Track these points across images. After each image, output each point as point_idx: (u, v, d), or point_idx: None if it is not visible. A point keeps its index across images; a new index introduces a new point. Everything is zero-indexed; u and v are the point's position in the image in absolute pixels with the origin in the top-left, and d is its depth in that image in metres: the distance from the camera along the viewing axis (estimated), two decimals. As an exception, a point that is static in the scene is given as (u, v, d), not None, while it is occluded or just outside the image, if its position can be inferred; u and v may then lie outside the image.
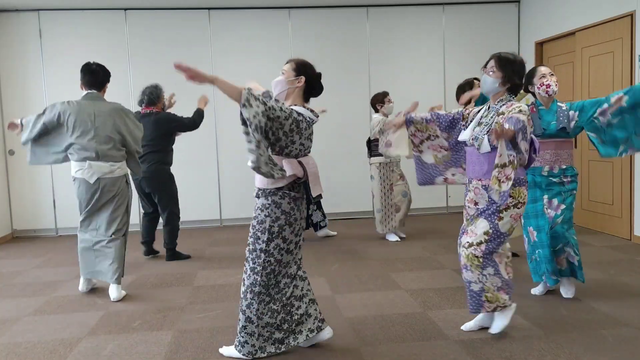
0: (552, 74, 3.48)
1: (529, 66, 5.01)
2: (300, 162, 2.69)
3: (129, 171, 4.07)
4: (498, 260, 2.89)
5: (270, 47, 6.67)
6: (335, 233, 5.88)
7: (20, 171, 6.43)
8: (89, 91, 4.02)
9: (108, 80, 4.09)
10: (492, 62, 2.88)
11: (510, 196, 2.80)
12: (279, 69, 4.16)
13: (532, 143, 2.87)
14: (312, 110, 2.79)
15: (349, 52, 6.71)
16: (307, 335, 2.82)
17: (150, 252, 5.15)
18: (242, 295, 2.78)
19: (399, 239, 5.49)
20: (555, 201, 3.48)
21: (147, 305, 3.72)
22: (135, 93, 4.48)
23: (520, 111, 2.72)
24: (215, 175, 6.69)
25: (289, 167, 2.65)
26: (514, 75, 2.84)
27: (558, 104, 3.49)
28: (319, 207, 5.63)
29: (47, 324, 3.43)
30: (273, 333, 2.78)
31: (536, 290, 3.66)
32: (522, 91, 4.29)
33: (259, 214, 2.72)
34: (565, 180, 3.48)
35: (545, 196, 3.50)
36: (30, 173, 6.43)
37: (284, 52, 6.70)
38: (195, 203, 6.54)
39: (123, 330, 3.27)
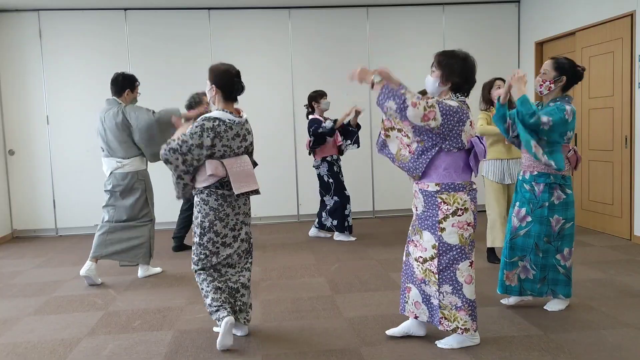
0: (542, 73, 3.19)
1: (529, 66, 5.01)
2: (222, 163, 2.90)
3: (144, 167, 4.40)
4: (462, 279, 2.74)
5: (270, 47, 6.67)
6: (353, 239, 5.58)
7: (20, 171, 6.43)
8: (108, 98, 4.43)
9: (129, 86, 4.40)
10: (433, 61, 2.79)
11: (444, 202, 2.71)
12: (279, 69, 4.37)
13: (472, 146, 2.75)
14: (237, 112, 2.98)
15: (349, 52, 6.71)
16: (243, 318, 3.08)
17: (180, 248, 5.35)
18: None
19: None
20: (523, 211, 3.23)
21: (147, 305, 3.72)
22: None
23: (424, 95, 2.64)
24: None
25: (209, 167, 2.88)
26: (453, 73, 2.71)
27: (550, 104, 3.18)
28: (329, 213, 5.52)
29: (47, 324, 3.43)
30: (219, 308, 2.93)
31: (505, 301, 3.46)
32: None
33: (194, 211, 3.02)
34: (536, 189, 3.19)
35: (517, 203, 3.28)
36: (30, 173, 6.44)
37: (284, 52, 6.71)
38: (195, 203, 6.54)
39: (123, 330, 3.27)
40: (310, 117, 5.45)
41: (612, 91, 5.32)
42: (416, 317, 2.90)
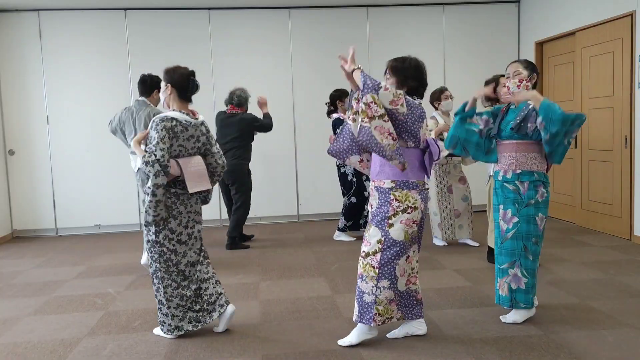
0: (515, 74, 3.15)
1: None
2: (177, 162, 2.97)
3: None
4: (399, 273, 2.80)
5: (270, 47, 6.67)
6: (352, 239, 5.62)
7: (20, 171, 6.43)
8: (137, 98, 4.53)
9: (157, 87, 4.40)
10: (387, 70, 2.89)
11: (397, 200, 2.75)
12: (279, 69, 4.34)
13: (428, 146, 2.83)
14: (192, 113, 3.10)
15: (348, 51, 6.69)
16: (219, 311, 3.14)
17: (240, 245, 5.48)
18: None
19: (446, 244, 5.14)
20: (509, 212, 3.12)
21: (147, 305, 3.72)
22: (135, 93, 4.49)
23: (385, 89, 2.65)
24: (215, 175, 6.69)
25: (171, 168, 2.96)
26: (408, 78, 2.84)
27: (528, 105, 3.12)
28: (344, 213, 5.51)
29: (47, 324, 3.43)
30: (187, 313, 3.09)
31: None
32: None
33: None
34: (521, 187, 3.09)
35: (501, 205, 3.16)
36: (30, 173, 6.44)
37: (284, 52, 6.71)
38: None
39: (123, 330, 3.27)
40: (334, 115, 5.39)
41: (612, 91, 5.32)
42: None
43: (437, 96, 5.08)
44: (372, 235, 2.82)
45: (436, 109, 5.10)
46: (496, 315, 3.29)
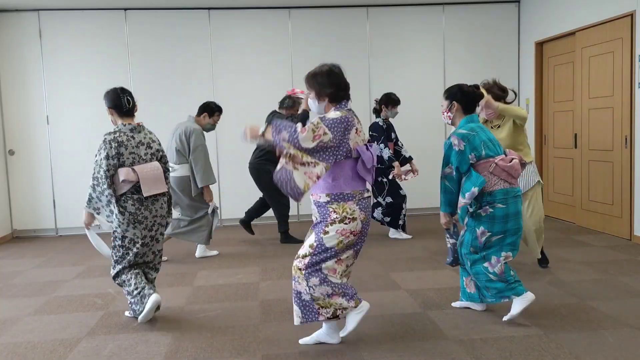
0: (442, 105, 3.34)
1: (529, 66, 5.01)
2: (133, 169, 3.21)
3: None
4: (326, 272, 2.78)
5: (270, 47, 6.67)
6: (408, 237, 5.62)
7: (20, 171, 6.43)
8: (191, 114, 5.10)
9: (207, 111, 5.12)
10: (306, 86, 2.88)
11: (334, 212, 2.74)
12: (279, 69, 4.26)
13: (359, 155, 2.76)
14: (137, 124, 3.34)
15: (349, 52, 6.71)
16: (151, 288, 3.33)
17: (247, 224, 5.70)
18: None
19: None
20: (466, 219, 3.26)
21: (147, 305, 3.72)
22: (135, 93, 4.49)
23: (312, 130, 2.65)
24: (215, 176, 6.69)
25: (121, 173, 3.19)
26: (323, 86, 2.79)
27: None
28: (384, 212, 5.50)
29: (47, 324, 3.43)
30: (144, 297, 3.28)
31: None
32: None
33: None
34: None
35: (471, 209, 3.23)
36: (30, 173, 6.44)
37: (284, 52, 6.71)
38: (195, 203, 6.55)
39: (123, 330, 3.27)
40: (377, 120, 5.42)
41: (612, 91, 5.32)
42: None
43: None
44: (308, 240, 2.83)
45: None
46: (496, 315, 3.29)
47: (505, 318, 3.17)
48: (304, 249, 2.82)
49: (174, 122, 5.16)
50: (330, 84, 2.80)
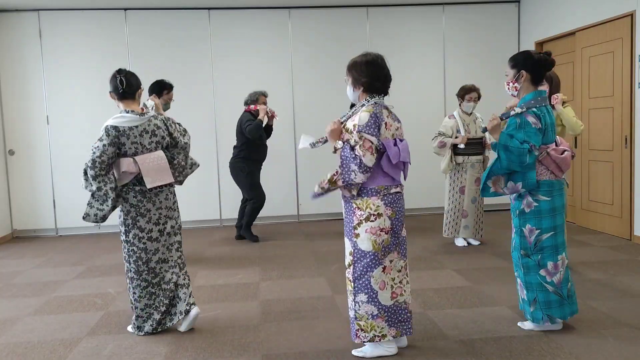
0: (505, 75, 3.06)
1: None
2: (134, 160, 3.02)
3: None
4: (377, 286, 2.68)
5: (270, 47, 6.67)
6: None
7: (20, 171, 6.43)
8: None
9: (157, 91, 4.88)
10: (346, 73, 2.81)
11: (358, 208, 2.68)
12: (279, 69, 4.16)
13: (385, 150, 2.68)
14: (140, 110, 3.14)
15: (349, 52, 6.62)
16: (179, 317, 3.18)
17: (240, 236, 5.81)
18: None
19: (467, 245, 5.08)
20: (512, 223, 3.06)
21: (147, 305, 3.72)
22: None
23: (355, 142, 2.63)
24: (215, 176, 6.69)
25: (123, 164, 3.03)
26: (359, 75, 2.73)
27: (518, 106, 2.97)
28: None
29: (47, 324, 3.43)
30: (152, 314, 3.17)
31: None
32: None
33: (118, 210, 3.13)
34: (510, 198, 3.02)
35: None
36: (30, 173, 6.44)
37: (284, 52, 6.71)
38: (195, 203, 6.54)
39: (123, 330, 3.27)
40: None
41: (612, 91, 5.32)
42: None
43: (462, 94, 4.95)
44: (346, 248, 2.77)
45: (460, 105, 5.02)
46: (496, 315, 3.29)
47: (522, 325, 3.09)
48: (347, 258, 2.77)
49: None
50: (367, 74, 2.72)
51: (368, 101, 2.74)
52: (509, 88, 3.02)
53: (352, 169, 2.62)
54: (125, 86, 3.11)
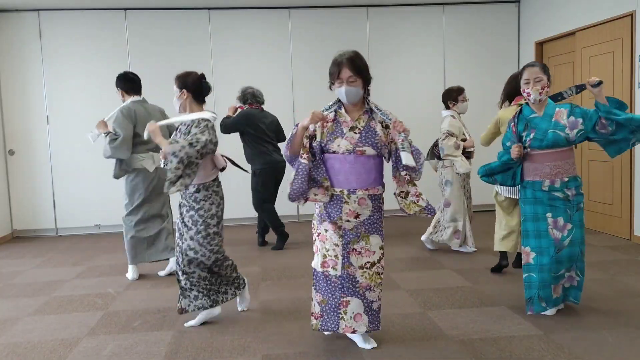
0: (536, 80, 3.10)
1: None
2: (222, 157, 3.28)
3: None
4: None
5: (270, 47, 6.67)
6: None
7: (20, 171, 6.43)
8: (137, 96, 4.41)
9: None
10: (347, 72, 2.73)
11: (382, 203, 2.86)
12: (279, 69, 4.07)
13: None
14: (212, 111, 3.28)
15: (349, 52, 6.69)
16: (232, 295, 3.42)
17: (263, 243, 5.58)
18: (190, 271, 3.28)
19: (476, 249, 4.93)
20: (560, 220, 3.11)
21: (147, 305, 3.72)
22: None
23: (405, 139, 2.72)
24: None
25: (217, 161, 3.25)
26: (368, 74, 2.80)
27: (557, 109, 3.14)
28: None
29: (47, 324, 3.43)
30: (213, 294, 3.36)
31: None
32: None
33: (202, 205, 3.19)
34: (569, 193, 3.11)
35: (549, 214, 3.13)
36: (30, 173, 6.44)
37: (284, 52, 6.71)
38: (195, 203, 6.54)
39: (123, 330, 3.27)
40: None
41: (612, 91, 5.32)
42: (354, 332, 2.82)
43: (454, 97, 4.85)
44: (374, 244, 2.78)
45: (447, 107, 4.89)
46: (496, 315, 3.29)
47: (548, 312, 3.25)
48: (374, 254, 2.78)
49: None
50: (368, 70, 2.83)
51: (368, 98, 2.85)
52: (542, 93, 3.12)
53: (421, 162, 2.76)
54: (207, 92, 3.29)
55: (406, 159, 2.64)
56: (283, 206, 6.80)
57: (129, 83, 4.38)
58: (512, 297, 3.60)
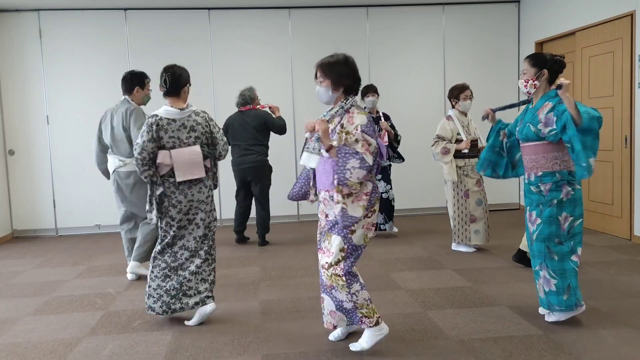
0: (523, 73, 3.16)
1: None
2: (169, 153, 3.18)
3: None
4: (358, 274, 2.81)
5: (270, 47, 6.67)
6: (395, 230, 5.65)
7: (20, 171, 6.43)
8: (123, 97, 4.36)
9: (138, 84, 4.35)
10: (318, 72, 2.76)
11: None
12: (279, 69, 4.04)
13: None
14: (182, 108, 3.26)
15: (349, 52, 6.59)
16: (190, 307, 3.29)
17: (242, 239, 5.64)
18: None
19: (475, 250, 4.92)
20: (533, 214, 3.12)
21: (147, 305, 3.72)
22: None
23: (355, 141, 2.60)
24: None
25: (159, 157, 3.19)
26: (341, 76, 2.71)
27: (546, 102, 3.09)
28: (382, 211, 5.36)
29: (47, 324, 3.43)
30: (162, 296, 3.28)
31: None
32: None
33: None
34: (542, 188, 3.06)
35: (528, 207, 3.17)
36: (30, 173, 6.44)
37: (283, 52, 6.71)
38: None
39: (123, 330, 3.27)
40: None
41: (612, 91, 5.32)
42: (334, 327, 2.89)
43: (456, 94, 4.83)
44: (335, 245, 2.73)
45: (453, 106, 4.88)
46: (496, 315, 3.29)
47: (548, 318, 3.15)
48: (333, 255, 2.73)
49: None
50: (348, 74, 2.73)
51: (345, 101, 2.74)
52: (526, 85, 3.13)
53: (348, 167, 2.57)
54: (168, 85, 3.25)
55: (304, 159, 2.64)
56: (283, 206, 6.81)
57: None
58: (512, 297, 3.60)
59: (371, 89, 5.37)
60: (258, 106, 5.46)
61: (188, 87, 3.36)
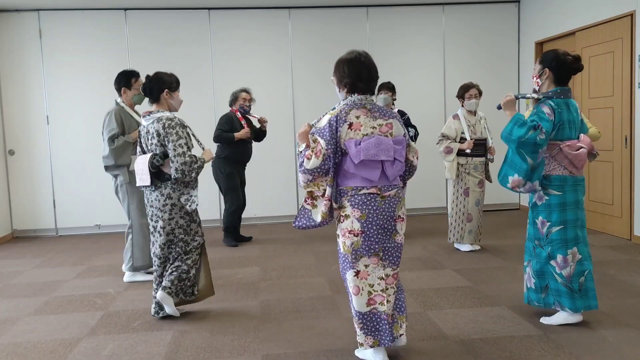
0: (534, 69, 3.15)
1: (529, 66, 4.93)
2: (135, 159, 3.39)
3: (127, 171, 4.17)
4: (351, 290, 2.60)
5: (270, 47, 6.67)
6: None
7: (20, 171, 6.43)
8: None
9: (124, 84, 4.30)
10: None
11: (337, 209, 2.64)
12: (279, 69, 4.01)
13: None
14: (149, 113, 3.34)
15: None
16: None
17: (238, 239, 5.65)
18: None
19: (473, 250, 4.92)
20: (528, 212, 3.22)
21: (147, 305, 3.72)
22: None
23: (314, 141, 2.59)
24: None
25: (132, 161, 3.39)
26: (342, 75, 2.64)
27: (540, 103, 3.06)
28: None
29: (47, 324, 3.43)
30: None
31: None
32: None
33: None
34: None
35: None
36: (30, 173, 6.44)
37: (283, 52, 6.71)
38: (195, 203, 6.54)
39: (123, 330, 3.27)
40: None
41: (612, 91, 5.32)
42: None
43: (461, 94, 4.84)
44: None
45: (462, 105, 4.88)
46: (496, 315, 3.29)
47: (543, 320, 3.13)
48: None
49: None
50: (349, 74, 2.62)
51: (344, 100, 2.70)
52: (532, 82, 3.18)
53: (300, 162, 2.61)
54: (146, 92, 3.36)
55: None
56: (282, 206, 6.81)
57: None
58: (512, 297, 3.60)
59: (384, 87, 5.37)
60: (247, 115, 5.49)
61: (168, 92, 3.34)
